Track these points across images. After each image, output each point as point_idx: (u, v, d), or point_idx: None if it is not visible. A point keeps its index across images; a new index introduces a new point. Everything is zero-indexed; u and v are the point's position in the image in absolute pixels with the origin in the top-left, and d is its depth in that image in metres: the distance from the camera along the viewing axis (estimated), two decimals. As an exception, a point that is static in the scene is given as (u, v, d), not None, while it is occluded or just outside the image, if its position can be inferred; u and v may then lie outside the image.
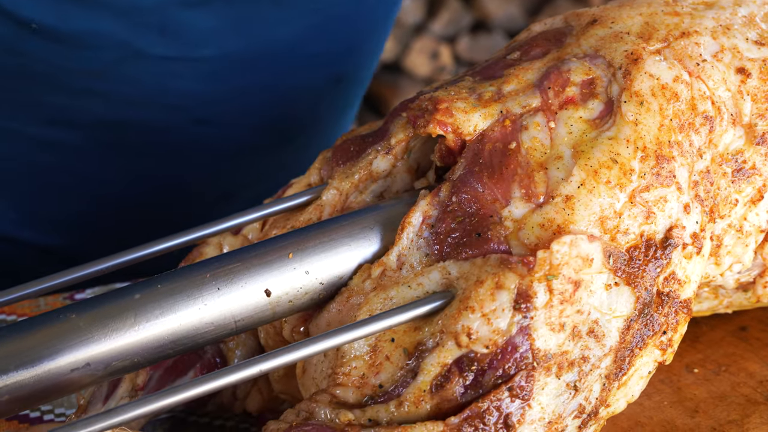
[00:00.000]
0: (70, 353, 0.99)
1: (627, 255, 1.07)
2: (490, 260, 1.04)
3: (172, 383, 1.21)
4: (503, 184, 1.08)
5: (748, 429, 1.20)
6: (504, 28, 4.36)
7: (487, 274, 1.03)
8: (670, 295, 1.08)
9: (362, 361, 1.05)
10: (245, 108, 1.54)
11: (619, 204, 1.07)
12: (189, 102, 1.51)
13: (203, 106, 1.53)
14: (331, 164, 1.20)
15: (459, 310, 1.03)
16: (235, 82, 1.51)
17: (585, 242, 1.05)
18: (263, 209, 1.19)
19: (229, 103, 1.53)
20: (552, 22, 1.24)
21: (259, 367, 1.00)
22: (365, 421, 1.02)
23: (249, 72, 1.50)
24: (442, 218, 1.08)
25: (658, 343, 1.09)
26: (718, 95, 1.15)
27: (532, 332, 1.02)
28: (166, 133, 1.53)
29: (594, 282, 1.05)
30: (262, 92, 1.54)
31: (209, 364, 1.21)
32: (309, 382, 1.10)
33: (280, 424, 1.04)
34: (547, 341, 1.03)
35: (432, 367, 1.02)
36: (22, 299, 1.11)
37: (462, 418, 1.00)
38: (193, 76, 1.48)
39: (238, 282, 1.06)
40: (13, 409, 0.99)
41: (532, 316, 1.02)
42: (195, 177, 1.61)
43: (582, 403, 1.05)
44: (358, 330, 1.03)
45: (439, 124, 1.12)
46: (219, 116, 1.54)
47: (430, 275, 1.06)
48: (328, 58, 1.56)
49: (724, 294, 1.28)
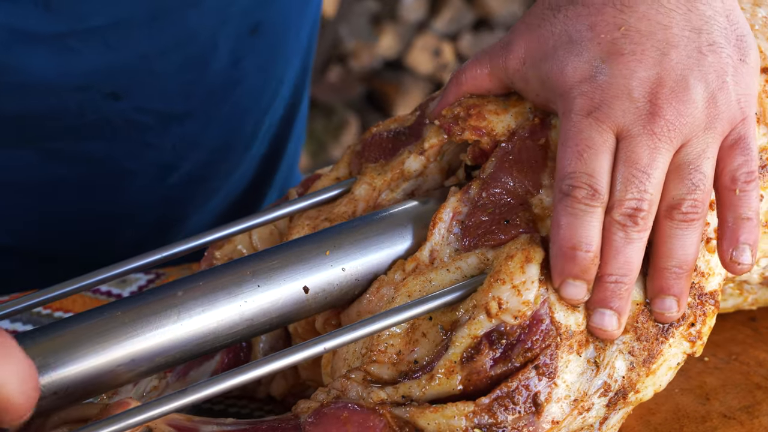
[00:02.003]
0: (116, 349, 1.01)
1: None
2: (520, 238, 1.07)
3: (199, 367, 1.23)
4: (533, 176, 1.11)
5: (759, 416, 1.22)
6: (506, 25, 4.38)
7: (517, 250, 1.06)
8: (694, 287, 1.10)
9: (399, 339, 1.07)
10: (156, 75, 1.48)
11: None
12: (96, 78, 1.44)
13: (113, 81, 1.46)
14: (360, 159, 1.22)
15: (490, 283, 1.05)
16: (137, 48, 1.45)
17: None
18: (293, 204, 1.21)
19: (138, 73, 1.47)
20: None
21: (323, 345, 1.02)
22: (398, 398, 1.04)
23: (147, 36, 1.44)
24: (472, 213, 1.11)
25: (687, 335, 1.11)
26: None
27: (551, 305, 1.05)
28: (81, 115, 1.47)
29: None
30: (170, 55, 1.47)
31: (235, 348, 1.23)
32: (340, 363, 1.12)
33: (310, 403, 1.06)
34: (567, 317, 1.05)
35: (463, 339, 1.04)
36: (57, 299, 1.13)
37: (492, 398, 1.03)
38: (91, 50, 1.41)
39: (277, 279, 1.08)
40: (59, 405, 1.01)
41: (549, 288, 1.05)
42: (123, 152, 1.54)
43: (606, 380, 1.07)
44: (400, 315, 1.05)
45: (474, 130, 1.14)
46: (131, 89, 1.47)
47: (468, 260, 1.09)
48: (235, 7, 1.49)
49: (749, 290, 1.30)
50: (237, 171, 1.67)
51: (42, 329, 1.02)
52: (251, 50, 1.56)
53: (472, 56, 1.17)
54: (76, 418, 1.03)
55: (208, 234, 1.18)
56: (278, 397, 1.26)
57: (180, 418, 1.05)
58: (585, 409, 1.07)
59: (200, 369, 1.23)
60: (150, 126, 1.53)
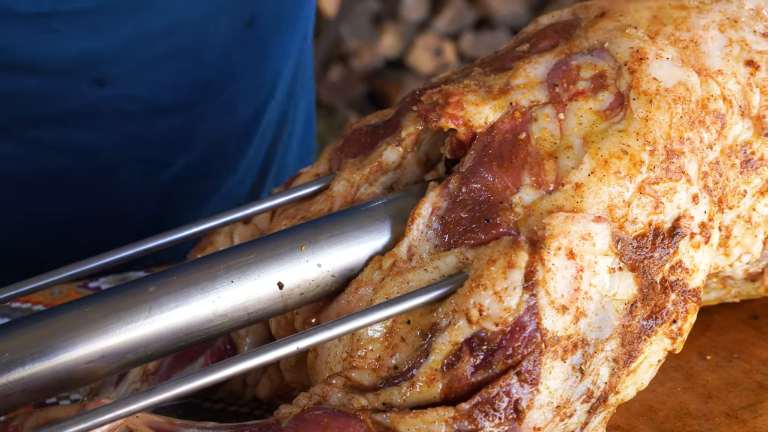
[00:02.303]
0: (86, 345, 1.00)
1: (635, 242, 1.07)
2: (502, 241, 1.05)
3: (183, 369, 1.22)
4: (513, 172, 1.09)
5: (761, 414, 1.21)
6: (507, 25, 4.37)
7: (500, 254, 1.04)
8: (678, 284, 1.09)
9: (378, 344, 1.05)
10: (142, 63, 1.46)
11: (628, 193, 1.08)
12: (81, 62, 1.43)
13: (98, 66, 1.44)
14: (340, 155, 1.21)
15: (471, 288, 1.04)
16: (124, 33, 1.43)
17: (586, 220, 1.06)
18: (273, 199, 1.19)
19: (123, 60, 1.45)
20: (560, 15, 1.24)
21: (296, 344, 1.01)
22: (379, 405, 1.03)
23: (134, 21, 1.43)
24: (452, 209, 1.09)
25: (668, 332, 1.09)
26: (729, 89, 1.15)
27: (539, 311, 1.03)
28: (65, 101, 1.45)
29: (598, 263, 1.06)
30: (157, 43, 1.46)
31: (219, 351, 1.22)
32: (322, 366, 1.10)
33: (292, 408, 1.04)
34: (554, 322, 1.04)
35: (444, 345, 1.03)
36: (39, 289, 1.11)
37: (472, 404, 1.01)
38: (75, 33, 1.40)
39: (251, 274, 1.06)
40: (29, 400, 0.99)
41: (537, 293, 1.03)
42: (110, 143, 1.53)
43: (590, 387, 1.06)
44: (377, 313, 1.03)
45: (450, 118, 1.12)
46: (116, 76, 1.46)
47: (446, 259, 1.07)
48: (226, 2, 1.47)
49: (732, 284, 1.29)
50: (233, 172, 1.65)
51: (11, 324, 1.00)
52: (245, 44, 1.53)
53: None
54: (55, 418, 1.02)
55: (187, 228, 1.17)
56: (264, 399, 1.25)
57: (161, 421, 1.04)
58: (567, 416, 1.05)
59: (183, 371, 1.22)
60: (136, 115, 1.50)
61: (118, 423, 0.99)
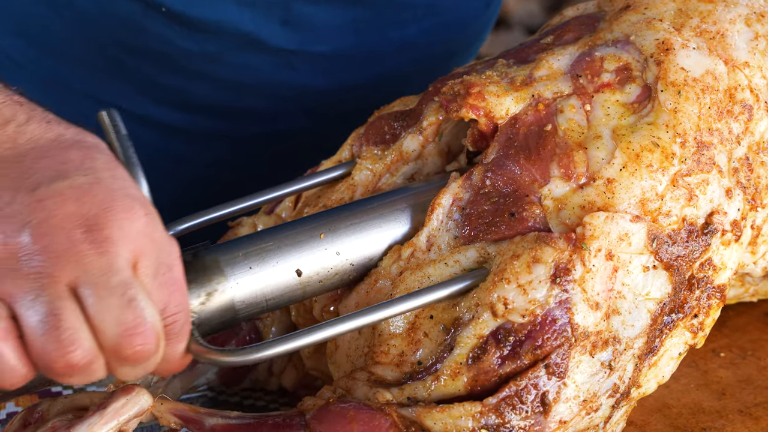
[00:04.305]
0: None
1: (670, 239, 1.07)
2: (527, 237, 1.05)
3: None
4: (541, 164, 1.09)
5: None
6: (523, 24, 4.36)
7: (524, 249, 1.04)
8: (704, 280, 1.09)
9: (400, 339, 1.05)
10: (348, 104, 1.55)
11: (661, 186, 1.08)
12: (299, 94, 1.52)
13: (312, 99, 1.53)
14: (362, 141, 1.21)
15: (494, 282, 1.03)
16: (345, 78, 1.52)
17: (624, 220, 1.06)
18: (296, 184, 1.19)
19: (336, 98, 1.54)
20: (585, 7, 1.24)
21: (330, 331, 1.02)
22: (404, 399, 1.03)
23: (358, 70, 1.52)
24: (474, 200, 1.09)
25: (689, 326, 1.09)
26: (755, 83, 1.15)
27: (572, 306, 1.03)
28: (274, 121, 1.54)
29: (632, 262, 1.06)
30: (364, 90, 1.55)
31: (244, 341, 1.22)
32: (342, 359, 1.10)
33: (316, 400, 1.04)
34: (586, 318, 1.03)
35: (468, 339, 1.03)
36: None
37: (500, 398, 1.01)
38: (307, 70, 1.49)
39: (270, 261, 1.06)
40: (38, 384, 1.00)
41: (571, 289, 1.03)
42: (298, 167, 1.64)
43: (616, 382, 1.06)
44: (398, 306, 1.03)
45: (471, 108, 1.12)
46: (325, 109, 1.54)
47: (467, 253, 1.07)
48: (429, 62, 1.57)
49: (750, 282, 1.28)
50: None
51: None
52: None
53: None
54: (80, 405, 1.03)
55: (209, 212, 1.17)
56: (290, 388, 1.25)
57: (186, 408, 1.04)
58: (593, 410, 1.05)
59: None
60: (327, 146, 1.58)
61: (145, 408, 1.00)
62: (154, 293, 0.94)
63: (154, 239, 0.95)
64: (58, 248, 0.92)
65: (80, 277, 0.92)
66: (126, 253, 0.93)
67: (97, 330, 0.91)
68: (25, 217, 0.93)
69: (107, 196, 0.94)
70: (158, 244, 0.95)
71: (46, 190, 0.94)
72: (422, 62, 1.56)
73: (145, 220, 0.95)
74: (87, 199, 0.94)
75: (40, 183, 0.94)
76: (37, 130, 1.00)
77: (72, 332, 0.91)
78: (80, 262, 0.92)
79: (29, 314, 0.91)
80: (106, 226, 0.93)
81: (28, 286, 0.91)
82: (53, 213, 0.93)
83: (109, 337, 0.92)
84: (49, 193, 0.94)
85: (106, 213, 0.93)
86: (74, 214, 0.93)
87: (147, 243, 0.94)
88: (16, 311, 0.91)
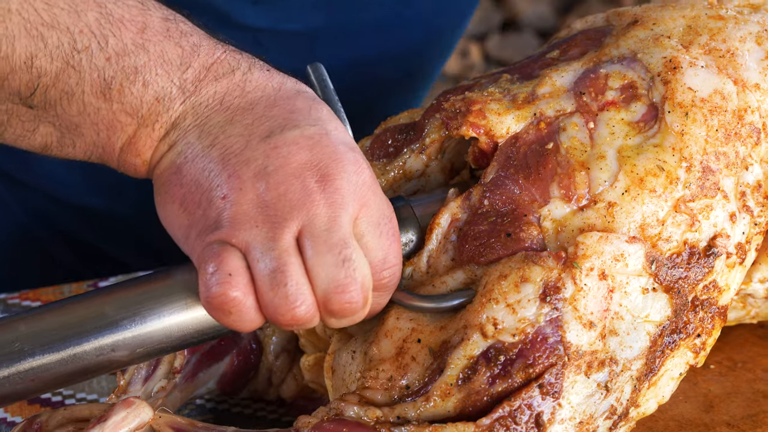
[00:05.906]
0: (97, 338, 1.01)
1: (670, 262, 1.06)
2: (515, 257, 1.04)
3: (209, 368, 1.23)
4: (541, 184, 1.08)
5: (763, 424, 1.19)
6: (534, 26, 4.36)
7: (511, 269, 1.03)
8: (708, 302, 1.08)
9: (389, 364, 1.05)
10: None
11: (662, 212, 1.07)
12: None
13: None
14: (367, 155, 1.19)
15: (482, 303, 1.03)
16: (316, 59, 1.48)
17: (620, 241, 1.04)
18: None
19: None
20: (593, 20, 1.22)
21: None
22: (394, 419, 1.02)
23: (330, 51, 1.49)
24: (472, 221, 1.08)
25: (691, 346, 1.08)
26: (765, 108, 1.13)
27: (563, 324, 1.02)
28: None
29: (630, 284, 1.05)
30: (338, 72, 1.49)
31: (245, 350, 1.23)
32: (339, 383, 1.11)
33: (311, 419, 1.04)
34: (579, 336, 1.02)
35: (458, 360, 1.02)
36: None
37: (493, 419, 1.00)
38: (279, 50, 1.45)
39: None
40: (38, 390, 1.00)
41: (561, 308, 1.02)
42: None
43: (613, 404, 1.05)
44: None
45: (471, 126, 1.11)
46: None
47: (455, 275, 1.06)
48: (404, 50, 1.54)
49: (752, 303, 1.27)
50: None
51: (21, 315, 1.01)
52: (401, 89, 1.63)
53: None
54: (80, 417, 1.03)
55: None
56: (289, 399, 1.25)
57: (183, 422, 1.04)
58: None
59: (209, 371, 1.23)
60: None
61: (146, 421, 1.01)
62: (375, 243, 0.98)
63: (376, 192, 0.99)
64: (293, 197, 0.95)
65: (306, 227, 0.95)
66: (352, 205, 0.96)
67: (312, 281, 0.96)
68: (261, 162, 0.95)
69: (336, 148, 0.97)
70: (380, 196, 0.99)
71: (280, 137, 0.97)
72: (399, 45, 1.53)
73: (368, 173, 0.98)
74: (318, 149, 0.97)
75: (273, 131, 0.97)
76: (260, 78, 1.02)
77: (297, 287, 0.96)
78: (310, 212, 0.95)
79: (260, 267, 0.95)
80: (337, 177, 0.96)
81: (263, 236, 0.95)
82: (288, 161, 0.96)
83: (321, 291, 0.96)
84: (283, 141, 0.96)
85: (336, 164, 0.96)
86: (308, 163, 0.96)
87: (371, 196, 0.98)
88: (249, 260, 0.95)
